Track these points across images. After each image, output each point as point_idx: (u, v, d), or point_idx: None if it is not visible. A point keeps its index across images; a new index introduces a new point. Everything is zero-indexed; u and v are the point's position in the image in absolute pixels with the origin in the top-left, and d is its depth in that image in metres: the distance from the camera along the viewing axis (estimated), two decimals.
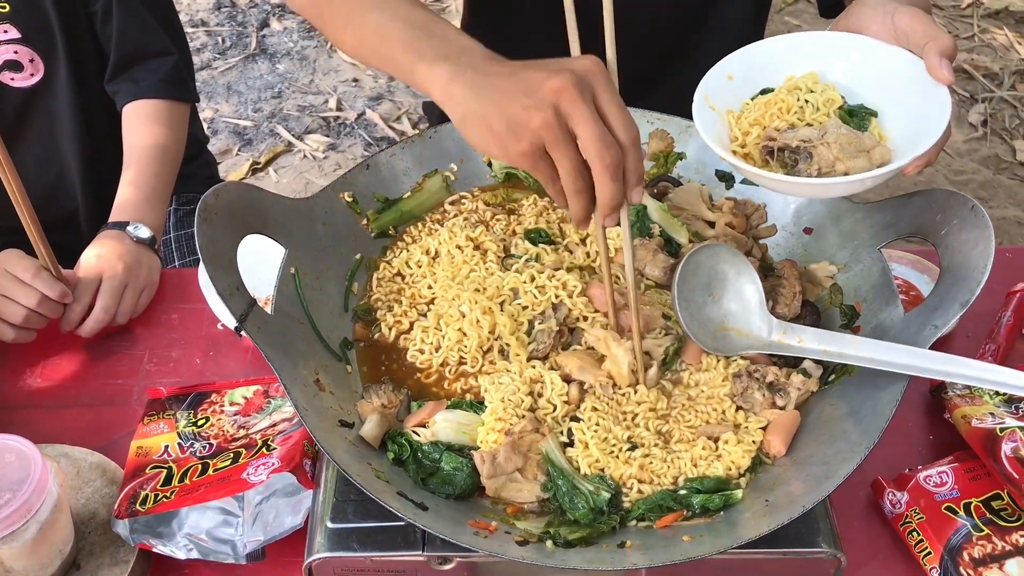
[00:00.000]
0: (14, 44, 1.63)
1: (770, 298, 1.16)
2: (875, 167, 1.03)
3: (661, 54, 1.65)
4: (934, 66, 1.03)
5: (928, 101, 1.03)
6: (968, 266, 1.03)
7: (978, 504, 1.18)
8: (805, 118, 1.09)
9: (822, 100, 1.10)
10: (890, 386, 1.01)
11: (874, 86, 1.09)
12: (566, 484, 1.00)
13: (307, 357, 1.07)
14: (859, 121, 1.09)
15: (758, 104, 1.11)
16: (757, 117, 1.09)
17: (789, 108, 1.10)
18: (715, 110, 1.10)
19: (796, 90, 1.11)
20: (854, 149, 1.03)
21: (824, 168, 1.03)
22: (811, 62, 1.12)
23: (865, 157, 1.03)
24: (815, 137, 1.05)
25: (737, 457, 1.02)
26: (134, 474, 1.21)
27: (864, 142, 1.04)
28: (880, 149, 1.04)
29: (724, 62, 1.12)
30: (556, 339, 1.12)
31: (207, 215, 1.02)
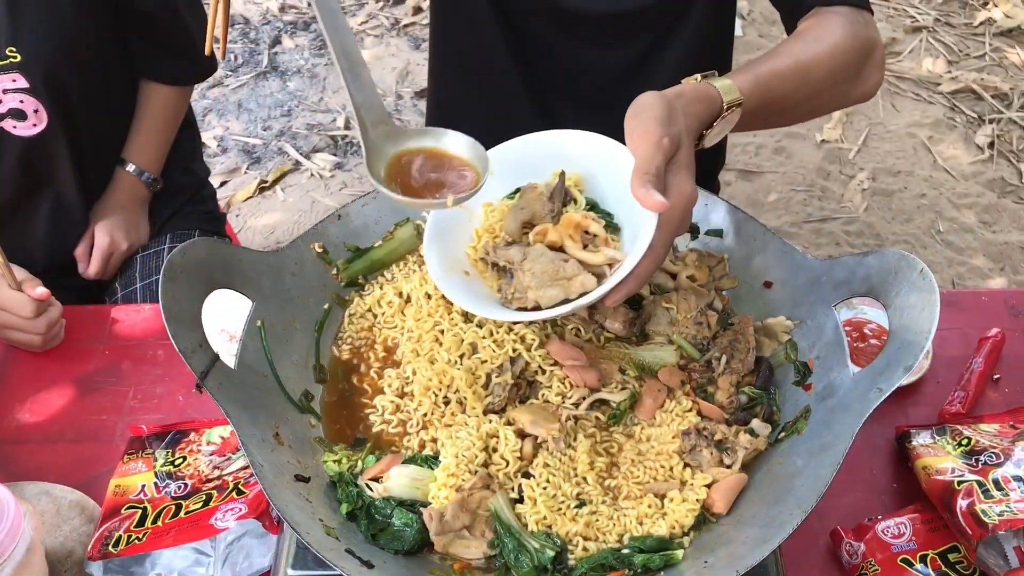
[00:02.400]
0: (21, 94, 1.67)
1: (726, 353, 1.19)
2: (574, 295, 1.04)
3: (611, 92, 1.68)
4: (632, 190, 1.02)
5: (643, 228, 1.03)
6: (914, 330, 1.04)
7: (935, 556, 1.20)
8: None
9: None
10: (834, 447, 1.03)
11: (622, 198, 1.09)
12: (512, 541, 1.03)
13: (268, 411, 1.11)
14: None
15: (500, 208, 1.12)
16: (493, 222, 1.10)
17: None
18: (463, 207, 1.09)
19: (540, 196, 1.12)
20: (549, 278, 1.04)
21: (518, 293, 1.05)
22: (576, 161, 1.12)
23: (562, 286, 1.04)
24: (517, 260, 1.06)
25: (680, 515, 1.05)
26: (111, 513, 1.25)
27: (564, 270, 1.05)
28: (582, 278, 1.04)
29: (491, 152, 1.12)
30: (513, 392, 1.14)
31: (172, 274, 1.05)
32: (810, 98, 1.30)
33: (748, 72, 1.21)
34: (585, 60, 1.65)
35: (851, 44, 1.31)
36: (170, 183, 2.00)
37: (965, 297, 1.59)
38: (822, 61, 1.28)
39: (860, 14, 1.37)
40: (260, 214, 3.15)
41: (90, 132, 1.82)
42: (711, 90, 1.15)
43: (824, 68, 1.29)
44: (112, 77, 1.84)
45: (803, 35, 1.34)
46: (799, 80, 1.26)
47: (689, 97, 1.12)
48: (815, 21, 1.36)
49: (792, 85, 1.25)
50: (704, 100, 1.14)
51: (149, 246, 1.96)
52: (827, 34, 1.32)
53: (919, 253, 3.00)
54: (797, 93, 1.27)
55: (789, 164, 3.31)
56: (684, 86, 1.15)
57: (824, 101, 1.36)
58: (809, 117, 1.41)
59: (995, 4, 3.95)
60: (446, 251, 1.10)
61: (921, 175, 3.28)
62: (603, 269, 1.07)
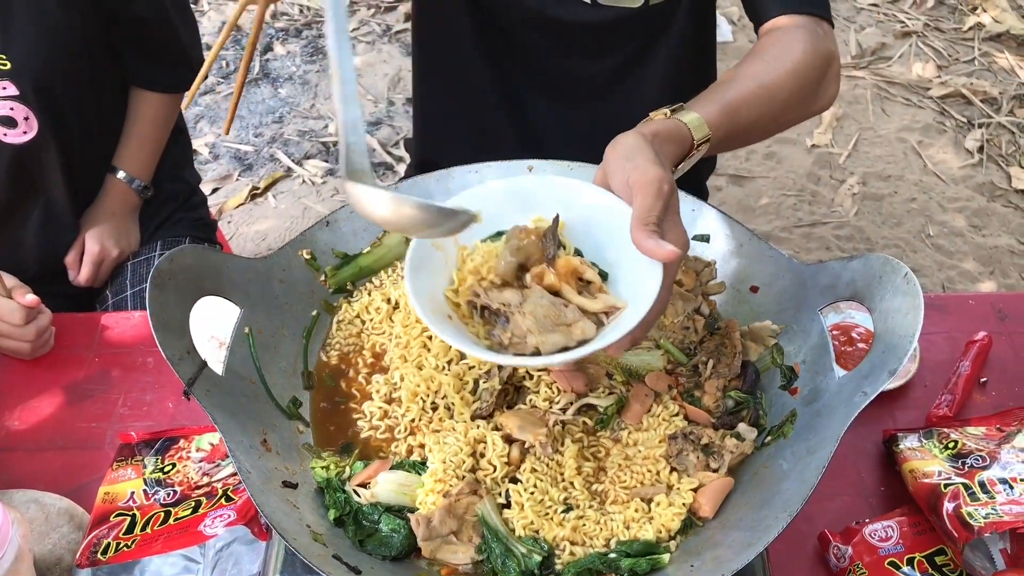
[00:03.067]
0: (11, 101, 1.67)
1: (712, 357, 1.19)
2: (574, 342, 1.00)
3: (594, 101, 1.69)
4: (636, 242, 0.98)
5: (646, 275, 1.00)
6: (898, 333, 1.05)
7: (921, 559, 1.20)
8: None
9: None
10: (819, 450, 1.04)
11: (610, 244, 1.06)
12: (499, 546, 1.03)
13: (256, 418, 1.11)
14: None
15: (483, 250, 1.08)
16: (476, 265, 1.06)
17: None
18: (441, 249, 1.07)
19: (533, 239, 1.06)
20: (550, 323, 0.99)
21: (516, 338, 1.00)
22: (555, 207, 1.08)
23: (563, 332, 1.00)
24: (515, 303, 1.01)
25: (667, 520, 1.05)
26: (99, 521, 1.25)
27: (565, 315, 1.01)
28: (582, 324, 1.00)
29: (461, 196, 1.10)
30: (500, 398, 1.15)
31: (160, 281, 1.06)
32: (774, 119, 1.30)
33: (715, 102, 1.19)
34: (567, 70, 1.66)
35: (811, 60, 1.31)
36: (161, 190, 2.00)
37: (952, 301, 1.59)
38: (784, 82, 1.27)
39: (820, 25, 1.36)
40: (252, 221, 3.15)
41: (80, 139, 1.82)
42: (682, 128, 1.13)
43: (787, 88, 1.28)
44: (102, 84, 1.85)
45: (763, 54, 1.32)
46: (764, 104, 1.25)
47: (663, 137, 1.10)
48: (776, 36, 1.34)
49: (758, 110, 1.24)
50: (676, 140, 1.12)
51: (140, 253, 1.96)
52: (788, 52, 1.30)
53: (909, 257, 3.02)
54: (762, 117, 1.26)
55: (779, 169, 3.32)
56: (657, 124, 1.13)
57: (786, 120, 1.35)
58: (769, 136, 1.40)
59: (984, 9, 3.98)
60: (425, 295, 1.05)
61: (911, 179, 3.30)
62: (600, 317, 1.04)
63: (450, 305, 1.06)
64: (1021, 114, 3.54)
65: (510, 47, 1.64)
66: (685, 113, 1.16)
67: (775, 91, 1.27)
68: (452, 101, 1.77)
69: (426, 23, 1.72)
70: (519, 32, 1.62)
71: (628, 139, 1.07)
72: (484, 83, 1.69)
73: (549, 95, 1.69)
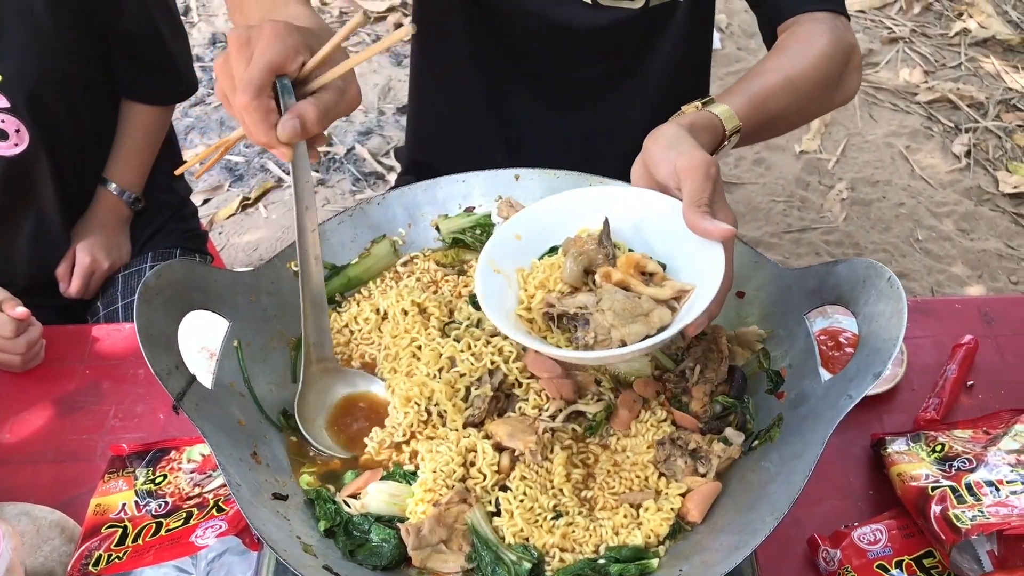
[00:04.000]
0: (2, 113, 1.68)
1: (699, 363, 1.20)
2: (654, 330, 1.03)
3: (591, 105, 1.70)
4: (693, 224, 1.02)
5: (705, 256, 1.04)
6: (882, 337, 1.06)
7: (910, 562, 1.21)
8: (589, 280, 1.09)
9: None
10: (806, 453, 1.05)
11: (660, 237, 1.10)
12: (489, 555, 1.03)
13: (245, 430, 1.11)
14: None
15: (544, 265, 1.12)
16: (542, 279, 1.10)
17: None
18: (501, 272, 1.11)
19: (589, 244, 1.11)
20: (629, 315, 1.03)
21: (600, 336, 1.04)
22: (598, 216, 1.12)
23: (642, 321, 1.04)
24: (591, 304, 1.05)
25: (656, 525, 1.06)
26: (91, 533, 1.25)
27: (641, 306, 1.05)
28: (658, 311, 1.04)
29: (510, 222, 1.14)
30: (492, 404, 1.15)
31: (148, 296, 1.06)
32: (800, 111, 1.33)
33: (743, 94, 1.22)
34: (565, 74, 1.67)
35: (833, 52, 1.34)
36: (151, 202, 2.01)
37: (939, 305, 1.61)
38: (809, 73, 1.31)
39: (838, 19, 1.39)
40: (243, 231, 3.16)
41: (71, 151, 1.83)
42: (714, 118, 1.17)
43: (811, 80, 1.31)
44: (94, 97, 1.85)
45: (788, 48, 1.36)
46: (790, 95, 1.28)
47: (699, 127, 1.13)
48: (797, 30, 1.38)
49: (784, 101, 1.27)
50: (710, 129, 1.16)
51: (131, 265, 1.96)
52: (811, 44, 1.34)
53: (898, 261, 3.03)
54: (789, 108, 1.29)
55: (769, 175, 3.34)
56: (691, 116, 1.16)
57: (811, 111, 1.39)
58: (795, 127, 1.44)
59: (970, 15, 4.00)
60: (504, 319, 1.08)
61: (899, 184, 3.32)
62: (671, 303, 1.07)
63: (523, 323, 1.09)
64: (1008, 119, 3.56)
65: (509, 50, 1.65)
66: (716, 106, 1.19)
67: (800, 82, 1.30)
68: (447, 102, 1.79)
69: (426, 24, 1.73)
70: (518, 35, 1.63)
71: (669, 129, 1.10)
72: (480, 86, 1.70)
73: (547, 99, 1.70)
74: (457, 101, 1.76)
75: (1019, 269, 3.04)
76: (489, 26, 1.63)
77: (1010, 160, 3.39)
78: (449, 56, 1.72)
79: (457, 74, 1.72)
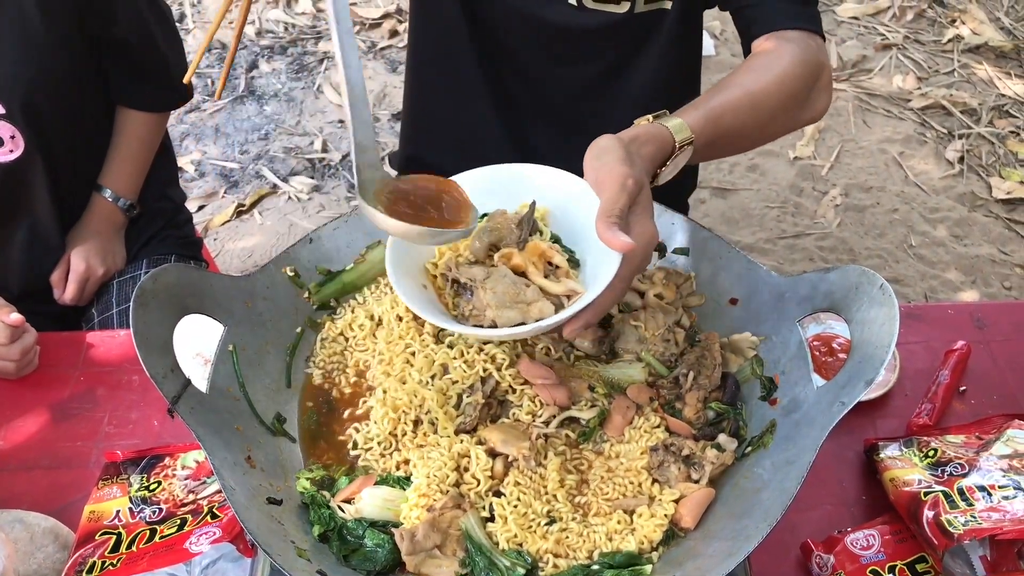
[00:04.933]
0: None
1: (693, 369, 1.20)
2: (531, 320, 1.07)
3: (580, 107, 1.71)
4: (598, 232, 1.05)
5: (605, 264, 1.07)
6: (874, 344, 1.07)
7: (903, 567, 1.22)
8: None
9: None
10: (799, 460, 1.05)
11: (585, 233, 1.12)
12: (483, 560, 1.04)
13: (240, 435, 1.11)
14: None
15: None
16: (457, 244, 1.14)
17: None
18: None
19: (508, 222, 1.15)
20: (509, 299, 1.07)
21: (476, 311, 1.08)
22: (541, 195, 1.15)
23: (520, 309, 1.07)
24: (479, 278, 1.09)
25: (649, 531, 1.06)
26: (85, 540, 1.25)
27: (524, 294, 1.08)
28: (541, 304, 1.07)
29: (456, 178, 1.16)
30: (484, 412, 1.16)
31: (144, 300, 1.06)
32: (761, 127, 1.34)
33: (699, 108, 1.24)
34: (551, 75, 1.67)
35: (799, 71, 1.35)
36: (146, 208, 2.01)
37: (931, 311, 1.61)
38: (771, 90, 1.31)
39: (811, 38, 1.40)
40: (238, 238, 3.16)
41: (66, 158, 1.83)
42: (663, 131, 1.19)
43: (774, 97, 1.32)
44: (88, 103, 1.85)
45: (752, 65, 1.37)
46: (749, 111, 1.29)
47: (642, 140, 1.16)
48: (766, 47, 1.39)
49: (743, 117, 1.28)
50: (656, 141, 1.17)
51: (125, 271, 1.96)
52: (776, 63, 1.35)
53: (892, 267, 3.04)
54: (748, 124, 1.30)
55: (763, 181, 3.35)
56: (638, 128, 1.19)
57: (774, 129, 1.39)
58: (759, 144, 1.44)
59: (963, 22, 4.02)
60: (406, 262, 1.14)
61: (893, 190, 3.33)
62: (561, 300, 1.10)
63: (428, 277, 1.14)
64: (1000, 125, 3.57)
65: (499, 48, 1.66)
66: (668, 119, 1.21)
67: (762, 98, 1.30)
68: (442, 103, 1.79)
69: (421, 21, 1.74)
70: (506, 33, 1.64)
71: (602, 141, 1.13)
72: (473, 84, 1.71)
73: (535, 100, 1.71)
74: (450, 100, 1.77)
75: (1012, 275, 3.05)
76: (480, 27, 1.64)
77: (1003, 166, 3.40)
78: (444, 54, 1.73)
79: (450, 73, 1.73)
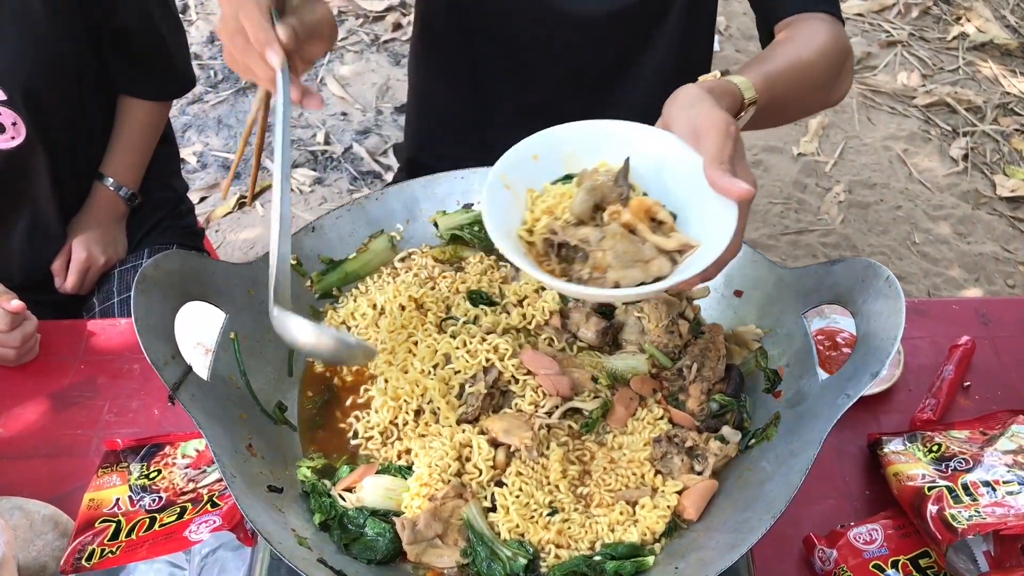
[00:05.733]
0: None
1: (696, 361, 1.20)
2: (650, 279, 1.00)
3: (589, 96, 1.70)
4: (712, 180, 0.99)
5: (718, 215, 1.00)
6: (880, 336, 1.06)
7: (906, 562, 1.21)
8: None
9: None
10: (803, 452, 1.04)
11: (678, 187, 1.07)
12: (485, 550, 1.03)
13: (241, 422, 1.11)
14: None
15: (555, 191, 1.09)
16: (551, 204, 1.07)
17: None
18: (511, 189, 1.07)
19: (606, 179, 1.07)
20: (630, 258, 1.01)
21: (596, 274, 1.01)
22: (621, 152, 1.09)
23: (641, 267, 1.01)
24: (594, 239, 1.02)
25: (652, 522, 1.06)
26: (84, 527, 1.25)
27: (643, 252, 1.02)
28: (659, 261, 1.01)
29: (529, 141, 1.11)
30: (486, 401, 1.15)
31: (145, 286, 1.06)
32: (801, 99, 1.34)
33: (756, 72, 1.21)
34: (567, 64, 1.67)
35: (835, 47, 1.36)
36: (148, 198, 2.00)
37: (936, 306, 1.60)
38: (815, 62, 1.32)
39: (835, 22, 1.41)
40: (239, 229, 3.15)
41: (68, 146, 1.82)
42: (733, 86, 1.15)
43: (816, 69, 1.32)
44: (90, 91, 1.85)
45: (794, 38, 1.37)
46: (797, 81, 1.28)
47: (718, 92, 1.11)
48: (800, 25, 1.39)
49: (792, 86, 1.27)
50: (730, 96, 1.13)
51: (127, 261, 1.96)
52: (815, 36, 1.35)
53: (895, 264, 3.03)
54: (794, 94, 1.29)
55: (766, 177, 3.34)
56: (710, 82, 1.14)
57: (809, 103, 1.39)
58: (790, 120, 1.44)
59: (968, 19, 4.01)
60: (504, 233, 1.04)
61: (897, 187, 3.32)
62: (673, 256, 1.03)
63: (523, 244, 1.06)
64: (1005, 123, 3.56)
65: (506, 41, 1.65)
66: (734, 76, 1.18)
67: (807, 69, 1.30)
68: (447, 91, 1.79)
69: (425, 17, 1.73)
70: (514, 24, 1.63)
71: (689, 90, 1.07)
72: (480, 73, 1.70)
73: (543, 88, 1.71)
74: (457, 90, 1.76)
75: (1016, 272, 3.04)
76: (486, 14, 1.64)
77: (1007, 164, 3.39)
78: (447, 49, 1.72)
79: (454, 66, 1.73)
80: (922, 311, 1.57)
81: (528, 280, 1.28)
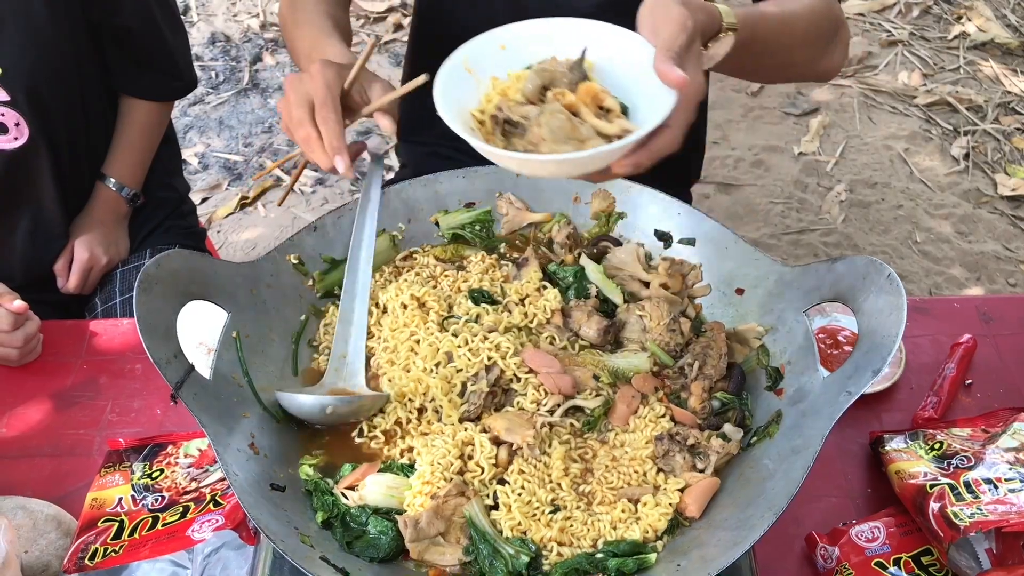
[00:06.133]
0: (2, 107, 1.67)
1: (698, 359, 1.20)
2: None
3: None
4: (655, 67, 1.01)
5: (659, 104, 1.02)
6: (881, 333, 1.06)
7: (908, 560, 1.21)
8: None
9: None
10: (805, 450, 1.05)
11: (634, 83, 1.08)
12: (487, 547, 1.03)
13: (244, 421, 1.11)
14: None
15: (514, 76, 1.12)
16: (504, 87, 1.10)
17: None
18: (473, 73, 1.11)
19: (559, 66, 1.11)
20: (564, 135, 1.03)
21: (531, 147, 1.04)
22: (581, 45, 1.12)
23: (575, 145, 1.03)
24: (532, 116, 1.06)
25: (654, 520, 1.06)
26: (87, 527, 1.25)
27: (579, 131, 1.04)
28: (594, 142, 1.03)
29: (497, 31, 1.14)
30: (488, 400, 1.15)
31: (147, 285, 1.06)
32: (787, 50, 1.34)
33: (742, 8, 1.22)
34: None
35: (825, 10, 1.36)
36: (150, 198, 2.00)
37: (937, 304, 1.60)
38: (802, 15, 1.33)
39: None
40: (241, 230, 3.15)
41: (71, 146, 1.82)
42: (712, 6, 1.16)
43: (804, 22, 1.33)
44: (92, 92, 1.85)
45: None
46: (781, 27, 1.29)
47: (695, 6, 1.12)
48: None
49: (776, 31, 1.28)
50: (707, 11, 1.14)
51: (129, 261, 1.96)
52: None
53: (896, 263, 3.03)
54: (778, 40, 1.30)
55: (767, 177, 3.34)
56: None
57: (796, 61, 1.39)
58: (780, 75, 1.45)
59: (969, 18, 4.01)
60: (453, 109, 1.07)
61: (898, 186, 3.32)
62: (614, 140, 1.04)
63: (474, 123, 1.10)
64: (1006, 122, 3.56)
65: None
66: (717, 2, 1.19)
67: (792, 19, 1.31)
68: None
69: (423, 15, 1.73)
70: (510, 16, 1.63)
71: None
72: None
73: None
74: None
75: (1017, 271, 3.04)
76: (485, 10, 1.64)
77: (1008, 163, 3.39)
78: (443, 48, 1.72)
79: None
80: (923, 309, 1.57)
81: (529, 279, 1.29)
